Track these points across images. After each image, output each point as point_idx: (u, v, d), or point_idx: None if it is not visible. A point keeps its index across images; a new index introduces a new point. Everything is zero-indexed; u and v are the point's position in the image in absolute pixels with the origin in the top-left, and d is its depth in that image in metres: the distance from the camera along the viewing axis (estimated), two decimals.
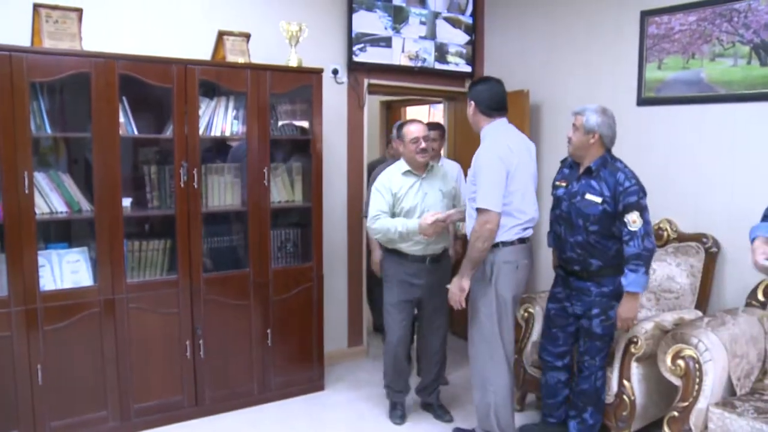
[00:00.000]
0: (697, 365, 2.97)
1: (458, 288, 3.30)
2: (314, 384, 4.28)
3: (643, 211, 3.07)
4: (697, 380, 2.97)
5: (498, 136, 3.27)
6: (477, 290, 3.34)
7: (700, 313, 3.60)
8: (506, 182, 3.18)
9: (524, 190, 3.28)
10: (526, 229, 3.33)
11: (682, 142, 3.94)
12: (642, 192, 3.10)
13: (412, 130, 3.63)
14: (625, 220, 3.06)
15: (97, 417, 3.52)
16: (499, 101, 3.31)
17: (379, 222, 3.58)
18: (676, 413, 3.02)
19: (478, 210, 3.18)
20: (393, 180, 3.66)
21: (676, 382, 3.07)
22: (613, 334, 3.31)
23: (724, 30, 3.71)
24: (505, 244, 3.25)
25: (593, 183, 3.19)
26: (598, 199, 3.14)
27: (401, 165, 3.72)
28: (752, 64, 3.60)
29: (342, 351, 4.91)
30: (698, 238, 3.79)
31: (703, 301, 3.75)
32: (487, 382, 3.38)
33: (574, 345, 3.46)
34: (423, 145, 3.62)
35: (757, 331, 3.20)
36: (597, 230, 3.17)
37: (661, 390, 3.42)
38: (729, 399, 3.01)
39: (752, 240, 2.53)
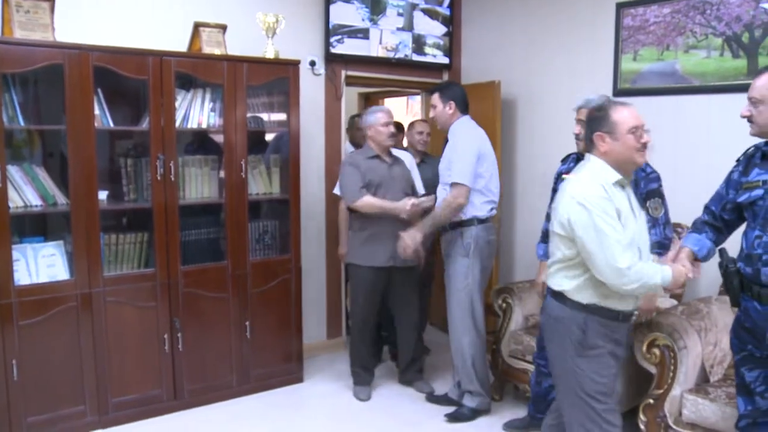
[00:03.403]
0: (671, 353, 3.02)
1: (411, 238, 3.70)
2: (293, 376, 4.29)
3: (663, 198, 3.04)
4: (672, 368, 3.02)
5: (469, 129, 3.77)
6: (456, 263, 3.74)
7: (675, 302, 3.65)
8: (477, 164, 3.64)
9: (492, 174, 3.77)
10: (492, 208, 3.78)
11: (657, 133, 3.94)
12: (661, 179, 3.07)
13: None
14: (648, 206, 2.99)
15: (75, 412, 3.49)
16: (467, 101, 3.83)
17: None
18: (651, 400, 3.07)
19: (452, 184, 3.62)
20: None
21: (652, 369, 3.11)
22: None
23: (698, 22, 3.75)
24: (480, 220, 3.69)
25: None
26: None
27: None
28: (725, 56, 3.65)
29: (321, 343, 4.91)
30: (673, 228, 3.83)
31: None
32: (466, 347, 3.75)
33: None
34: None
35: (731, 320, 3.25)
36: None
37: (637, 377, 3.47)
38: (702, 385, 3.07)
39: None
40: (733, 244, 2.62)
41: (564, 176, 3.33)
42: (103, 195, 3.56)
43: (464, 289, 3.72)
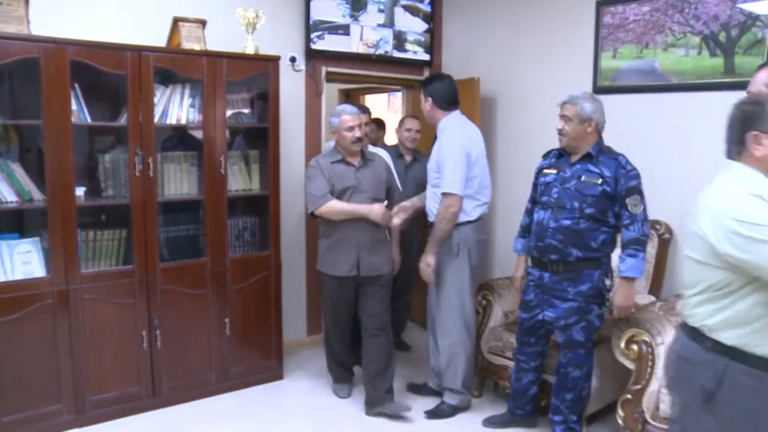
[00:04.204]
0: (649, 349, 3.05)
1: (425, 264, 3.67)
2: (273, 373, 4.27)
3: (642, 195, 3.08)
4: (650, 363, 3.05)
5: (457, 127, 3.67)
6: (445, 264, 3.70)
7: (653, 298, 3.69)
8: (468, 169, 3.57)
9: (482, 176, 3.71)
10: (483, 209, 3.75)
11: (636, 131, 4.01)
12: (640, 177, 3.11)
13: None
14: (627, 202, 3.04)
15: (51, 411, 3.45)
16: (453, 96, 3.72)
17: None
18: (629, 396, 3.10)
19: (443, 194, 3.55)
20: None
21: (630, 365, 3.15)
22: (593, 337, 3.28)
23: (676, 21, 3.79)
24: (469, 222, 3.64)
25: (591, 167, 3.15)
26: (598, 180, 3.10)
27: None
28: (702, 55, 3.69)
29: (301, 339, 4.91)
30: (652, 224, 3.86)
31: (656, 287, 3.85)
32: (455, 346, 3.73)
33: (547, 344, 3.48)
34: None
35: None
36: (592, 213, 3.10)
37: (616, 373, 3.51)
38: None
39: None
40: None
41: (545, 171, 3.38)
42: (80, 191, 3.52)
43: (454, 289, 3.71)
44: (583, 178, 3.15)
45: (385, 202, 3.69)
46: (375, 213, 3.62)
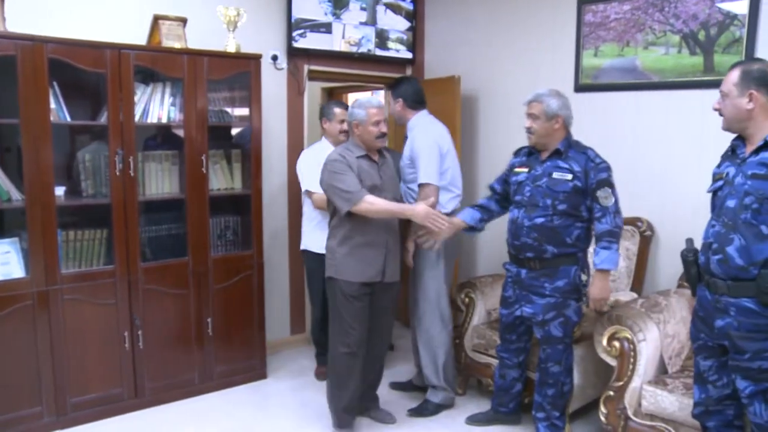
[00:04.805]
0: (631, 346, 3.07)
1: (404, 250, 3.71)
2: (256, 372, 4.26)
3: (613, 188, 3.10)
4: (632, 360, 3.07)
5: (427, 124, 3.76)
6: (422, 258, 3.73)
7: (635, 295, 3.72)
8: (441, 161, 3.63)
9: (454, 167, 3.78)
10: (457, 202, 3.79)
11: (618, 128, 4.04)
12: (611, 169, 3.14)
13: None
14: (598, 195, 3.06)
15: (32, 413, 3.42)
16: (421, 95, 3.81)
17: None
18: (611, 392, 3.12)
19: (420, 185, 3.56)
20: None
21: (612, 362, 3.17)
22: (572, 332, 3.30)
23: (656, 19, 3.82)
24: (444, 215, 3.52)
25: (560, 163, 3.17)
26: (569, 176, 3.12)
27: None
28: (682, 53, 3.72)
29: (284, 339, 4.89)
30: (633, 222, 3.90)
31: (638, 284, 3.87)
32: (433, 341, 3.76)
33: (530, 340, 3.49)
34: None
35: (687, 312, 3.32)
36: (565, 209, 3.13)
37: (598, 371, 3.53)
38: (661, 377, 3.13)
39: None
40: None
41: (516, 170, 3.38)
42: (60, 190, 3.49)
43: (431, 282, 3.74)
44: (554, 175, 3.17)
45: (431, 199, 3.40)
46: (419, 213, 3.27)
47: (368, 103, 3.36)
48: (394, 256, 3.46)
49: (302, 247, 4.25)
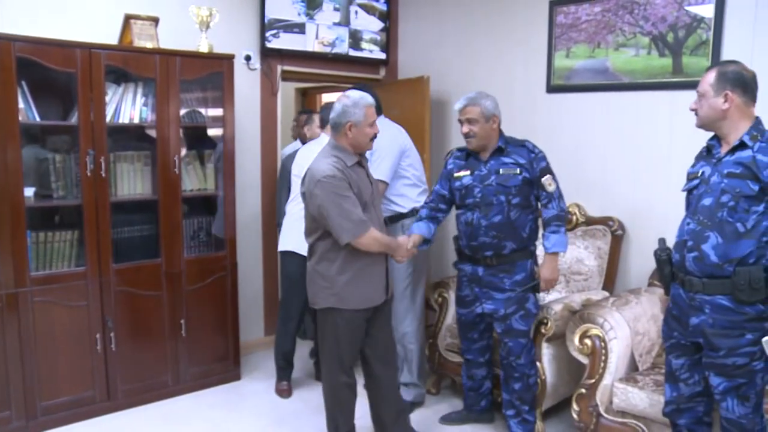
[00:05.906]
0: (603, 343, 3.11)
1: None
2: (230, 374, 4.24)
3: (553, 174, 3.23)
4: (603, 358, 3.11)
5: (385, 125, 3.71)
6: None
7: (607, 294, 3.76)
8: (402, 158, 3.73)
9: (417, 164, 3.86)
10: (426, 195, 3.77)
11: (589, 129, 4.09)
12: (546, 157, 3.28)
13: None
14: (543, 182, 3.19)
15: (0, 417, 3.37)
16: (379, 102, 3.69)
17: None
18: (583, 390, 3.15)
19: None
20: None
21: (584, 360, 3.20)
22: (532, 324, 3.34)
23: (626, 21, 3.87)
24: (417, 211, 3.63)
25: (504, 159, 3.25)
26: (517, 170, 3.21)
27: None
28: (652, 55, 3.77)
29: (258, 340, 4.88)
30: (605, 221, 3.95)
31: (609, 282, 3.92)
32: (408, 336, 3.81)
33: (491, 337, 3.52)
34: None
35: (658, 310, 3.37)
36: (518, 202, 3.20)
37: (570, 369, 3.57)
38: (632, 374, 3.17)
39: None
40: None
41: (457, 174, 3.35)
42: (29, 191, 3.44)
43: (407, 280, 3.77)
44: (501, 172, 3.24)
45: (410, 235, 3.28)
46: (402, 250, 3.12)
47: (363, 100, 2.94)
48: (389, 272, 3.17)
49: (286, 248, 3.96)
